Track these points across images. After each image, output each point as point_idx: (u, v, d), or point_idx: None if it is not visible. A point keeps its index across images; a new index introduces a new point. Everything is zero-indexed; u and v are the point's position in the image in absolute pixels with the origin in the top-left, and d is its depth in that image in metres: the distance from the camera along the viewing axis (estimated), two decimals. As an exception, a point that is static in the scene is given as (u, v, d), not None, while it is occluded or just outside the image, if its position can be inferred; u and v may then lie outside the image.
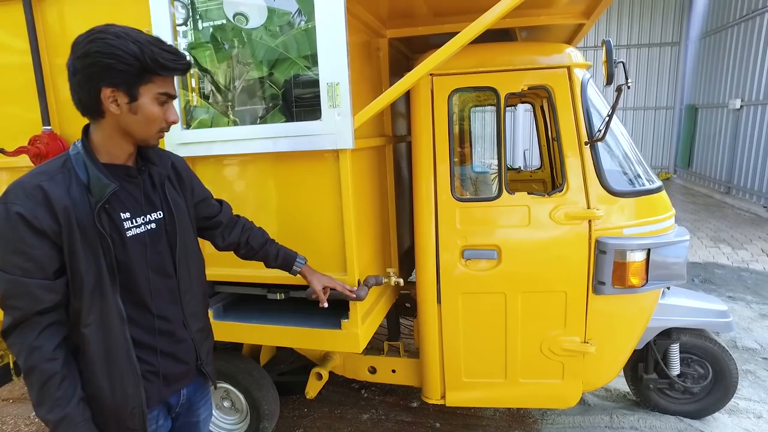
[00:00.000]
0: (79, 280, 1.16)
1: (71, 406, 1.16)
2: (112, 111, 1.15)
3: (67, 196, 1.14)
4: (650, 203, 2.35)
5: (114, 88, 1.13)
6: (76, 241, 1.14)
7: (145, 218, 1.29)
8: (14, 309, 1.13)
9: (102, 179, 1.18)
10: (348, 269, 1.99)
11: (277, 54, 2.14)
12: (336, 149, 1.90)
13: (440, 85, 2.28)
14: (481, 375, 2.50)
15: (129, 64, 1.12)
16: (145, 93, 1.17)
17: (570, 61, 2.24)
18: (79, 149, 1.20)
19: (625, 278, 2.23)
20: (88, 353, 1.20)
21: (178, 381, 1.39)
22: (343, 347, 2.10)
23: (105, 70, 1.11)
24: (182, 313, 1.38)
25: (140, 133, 1.22)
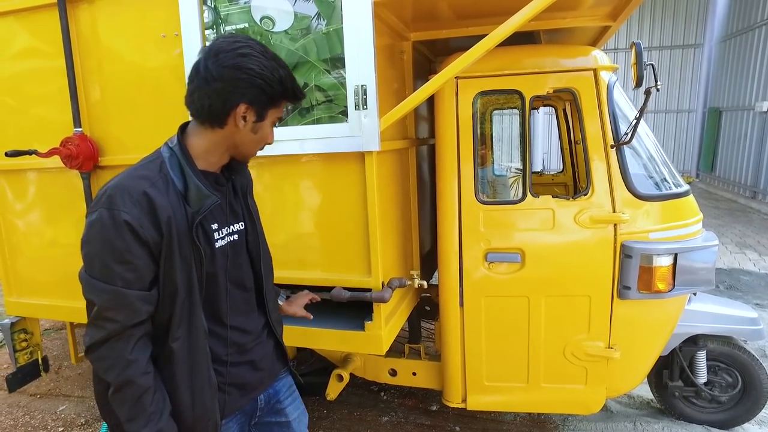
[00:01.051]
0: (172, 292, 1.13)
1: (164, 420, 1.13)
2: (237, 126, 1.16)
3: (169, 204, 1.10)
4: (677, 207, 2.32)
5: (249, 106, 1.14)
6: (174, 251, 1.11)
7: (229, 229, 1.27)
8: (111, 322, 1.07)
9: (202, 190, 1.15)
10: (372, 271, 2.00)
11: (297, 57, 2.17)
12: (362, 151, 1.91)
13: (465, 87, 2.29)
14: (502, 379, 2.49)
15: (275, 88, 1.14)
16: (271, 115, 1.20)
17: (596, 64, 2.23)
18: (176, 153, 1.17)
19: (652, 283, 2.20)
20: (173, 367, 1.16)
21: (253, 389, 1.38)
22: (366, 349, 2.10)
23: (252, 88, 1.12)
24: (269, 322, 1.41)
25: (248, 150, 1.24)
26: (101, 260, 1.07)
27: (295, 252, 2.14)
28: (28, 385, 3.03)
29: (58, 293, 2.69)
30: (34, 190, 2.65)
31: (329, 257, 2.09)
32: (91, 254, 1.09)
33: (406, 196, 2.54)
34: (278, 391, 1.49)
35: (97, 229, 1.08)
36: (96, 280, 1.07)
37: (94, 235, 1.08)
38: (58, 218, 2.63)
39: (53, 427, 3.09)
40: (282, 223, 2.15)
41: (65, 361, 3.94)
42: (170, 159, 1.17)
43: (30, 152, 2.33)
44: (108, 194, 1.09)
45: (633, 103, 2.34)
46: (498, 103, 3.62)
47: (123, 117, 2.40)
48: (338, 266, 2.07)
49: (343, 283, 2.05)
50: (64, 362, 3.94)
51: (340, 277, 2.07)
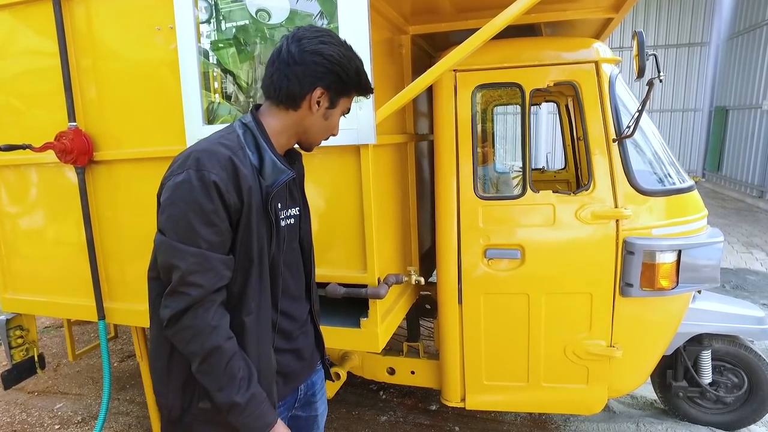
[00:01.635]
0: (247, 262, 1.13)
1: (254, 385, 1.11)
2: (311, 109, 1.17)
3: (250, 175, 1.11)
4: (681, 203, 2.26)
5: (325, 91, 1.16)
6: (252, 221, 1.11)
7: (288, 212, 1.27)
8: (195, 287, 1.04)
9: (278, 165, 1.17)
10: (368, 267, 1.96)
11: None
12: (358, 144, 1.87)
13: (464, 80, 2.24)
14: (502, 378, 2.44)
15: (351, 77, 1.17)
16: (342, 104, 1.22)
17: (598, 56, 2.18)
18: (252, 129, 1.18)
19: (654, 280, 2.15)
20: (245, 341, 1.14)
21: (296, 378, 1.36)
22: (362, 346, 2.07)
23: (330, 74, 1.14)
24: (311, 311, 1.40)
25: (315, 136, 1.25)
26: (187, 222, 1.05)
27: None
28: (25, 382, 3.01)
29: (54, 290, 2.67)
30: (30, 185, 2.63)
31: (325, 252, 2.05)
32: (176, 216, 1.06)
33: (404, 191, 2.50)
34: (314, 383, 1.47)
35: (184, 189, 1.05)
36: (180, 243, 1.05)
37: (181, 196, 1.05)
38: (54, 214, 2.61)
39: (50, 424, 3.07)
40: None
41: (64, 359, 3.93)
42: (245, 134, 1.17)
43: (24, 146, 2.31)
44: (195, 156, 1.08)
45: (638, 98, 2.29)
46: (500, 98, 3.59)
47: (119, 111, 2.37)
48: (334, 262, 2.03)
49: (338, 279, 2.01)
50: (63, 360, 3.93)
51: (335, 273, 2.03)
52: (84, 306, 2.56)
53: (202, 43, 2.20)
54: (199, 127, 2.09)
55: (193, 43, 2.13)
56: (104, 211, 2.49)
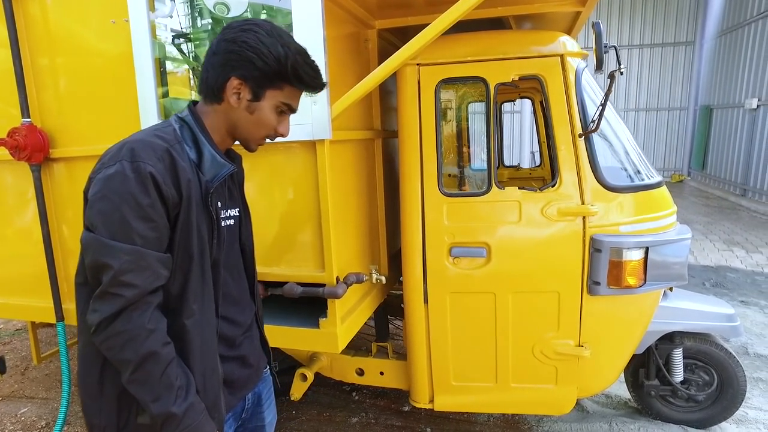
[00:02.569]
0: (187, 261, 1.05)
1: (191, 394, 1.03)
2: (230, 101, 1.11)
3: (188, 168, 1.05)
4: (649, 199, 2.23)
5: (242, 81, 1.09)
6: (192, 217, 1.04)
7: (228, 213, 1.21)
8: (129, 287, 0.96)
9: (217, 159, 1.11)
10: (326, 266, 1.90)
11: None
12: (313, 140, 1.82)
13: (427, 75, 2.19)
14: (470, 379, 2.40)
15: (268, 64, 1.07)
16: (270, 98, 1.12)
17: (563, 50, 2.14)
18: (189, 124, 1.12)
19: (622, 278, 2.11)
20: (186, 347, 1.06)
21: (243, 387, 1.29)
22: (321, 347, 2.02)
23: (243, 61, 1.07)
24: (256, 316, 1.34)
25: (245, 132, 1.16)
26: (120, 217, 0.96)
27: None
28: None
29: (11, 291, 2.59)
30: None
31: (283, 251, 1.99)
32: (107, 211, 0.97)
33: (370, 189, 2.45)
34: (261, 392, 1.40)
35: (117, 182, 0.97)
36: (112, 239, 0.96)
37: (113, 189, 0.97)
38: (12, 213, 2.53)
39: (12, 430, 2.98)
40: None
41: (32, 362, 3.83)
42: (181, 129, 1.11)
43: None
44: (129, 147, 1.00)
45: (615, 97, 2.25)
46: (474, 95, 3.54)
47: (77, 107, 2.29)
48: (292, 261, 1.98)
49: (296, 278, 1.95)
50: (31, 363, 3.83)
51: (293, 272, 1.97)
52: (43, 308, 2.48)
53: (163, 38, 2.16)
54: (155, 121, 2.02)
55: (147, 36, 2.06)
56: (63, 210, 2.42)
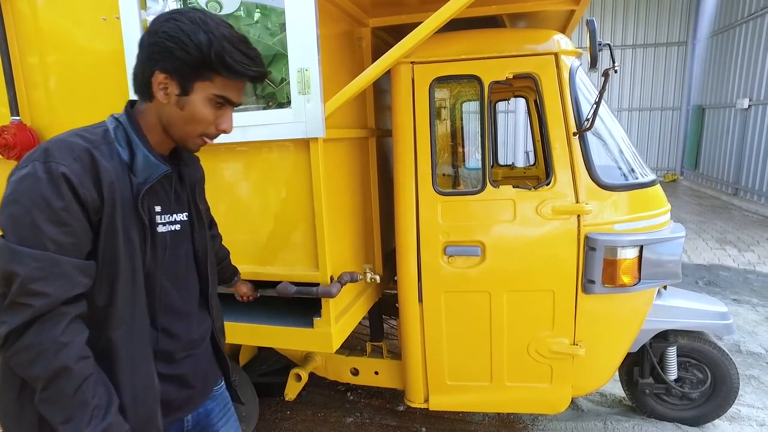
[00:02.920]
0: (112, 270, 0.98)
1: (112, 414, 0.95)
2: (158, 98, 1.04)
3: (112, 170, 0.98)
4: (643, 197, 2.23)
5: (167, 75, 1.01)
6: (117, 222, 0.97)
7: (172, 217, 1.13)
8: (39, 297, 0.88)
9: (151, 160, 1.04)
10: (320, 265, 1.89)
11: (274, 51, 2.08)
12: (307, 138, 1.80)
13: (421, 73, 2.19)
14: (465, 378, 2.39)
15: (189, 53, 0.98)
16: (200, 90, 1.03)
17: (558, 48, 2.13)
18: (123, 124, 1.06)
19: (616, 276, 2.12)
20: (113, 362, 0.99)
21: (178, 409, 1.18)
22: (315, 347, 2.00)
23: (164, 52, 0.99)
24: (212, 330, 1.27)
25: (179, 130, 1.07)
26: (30, 220, 0.89)
27: (241, 245, 2.02)
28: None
29: None
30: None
31: (275, 250, 1.98)
32: (17, 215, 0.90)
33: (365, 187, 2.44)
34: (210, 411, 1.30)
35: (28, 184, 0.91)
36: (20, 245, 0.88)
37: (24, 191, 0.90)
38: None
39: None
40: (227, 215, 2.03)
41: None
42: (116, 130, 1.05)
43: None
44: (43, 147, 0.94)
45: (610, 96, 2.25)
46: (469, 94, 3.54)
47: (67, 105, 2.27)
48: (285, 260, 1.96)
49: (290, 277, 1.94)
50: None
51: (287, 272, 1.95)
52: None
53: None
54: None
55: (138, 34, 2.04)
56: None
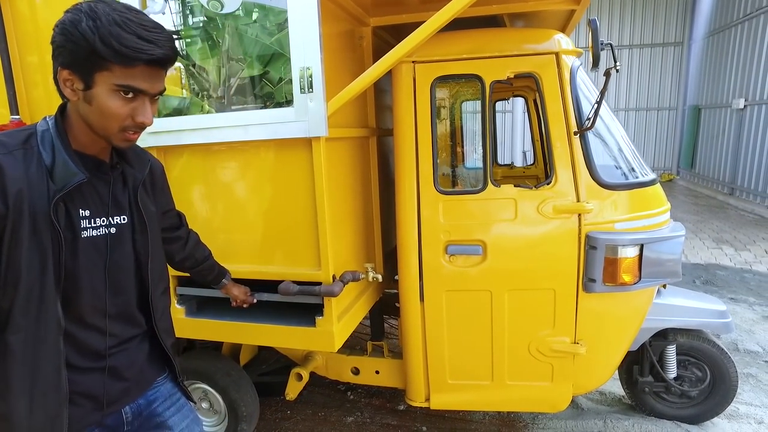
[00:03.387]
0: (15, 276, 0.99)
1: None
2: (67, 95, 1.03)
3: (24, 177, 0.97)
4: (643, 197, 2.24)
5: (70, 71, 1.00)
6: (22, 228, 0.97)
7: (107, 220, 1.13)
8: None
9: (69, 166, 1.02)
10: (322, 264, 1.89)
11: (272, 51, 2.09)
12: (309, 137, 1.80)
13: (423, 72, 2.19)
14: (466, 377, 2.40)
15: (77, 44, 0.96)
16: (101, 82, 1.00)
17: (558, 47, 2.14)
18: (50, 127, 1.05)
19: (617, 275, 2.12)
20: (7, 365, 1.00)
21: (112, 402, 1.19)
22: (318, 346, 2.00)
23: (58, 48, 1.00)
24: (155, 330, 1.26)
25: (97, 126, 1.05)
26: None
27: (242, 244, 2.03)
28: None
29: None
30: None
31: (278, 250, 1.98)
32: None
33: (365, 187, 2.44)
34: (153, 400, 1.30)
35: None
36: None
37: None
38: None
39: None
40: (228, 214, 2.04)
41: None
42: (43, 134, 1.04)
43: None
44: None
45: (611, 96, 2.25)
46: (467, 94, 3.55)
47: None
48: (287, 259, 1.96)
49: (292, 276, 1.94)
50: None
51: (289, 271, 1.95)
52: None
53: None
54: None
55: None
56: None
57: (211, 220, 2.05)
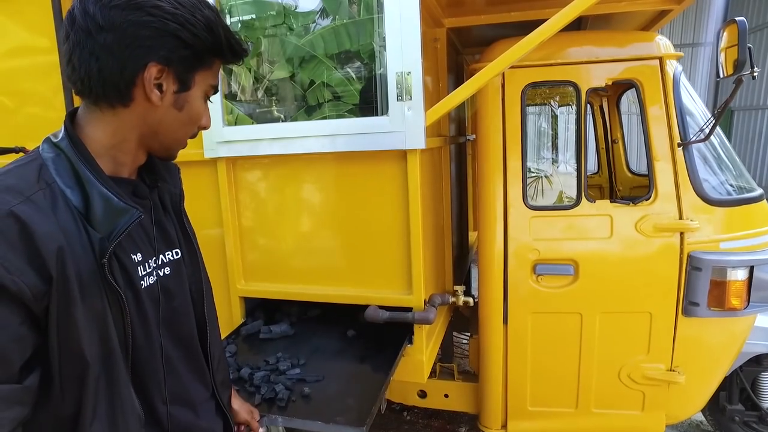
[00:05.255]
0: (80, 368, 0.72)
1: None
2: (151, 99, 0.77)
3: (58, 230, 0.69)
4: (750, 213, 2.06)
5: (166, 67, 0.76)
6: (74, 302, 0.70)
7: (158, 260, 0.88)
8: None
9: (113, 202, 0.74)
10: (414, 288, 1.74)
11: (303, 53, 2.00)
12: (404, 149, 1.65)
13: (512, 78, 2.03)
14: (549, 403, 2.23)
15: (199, 37, 0.76)
16: (200, 82, 0.82)
17: (661, 52, 1.97)
18: (64, 152, 0.75)
19: (724, 299, 1.95)
20: None
21: None
22: (406, 376, 1.84)
23: (164, 38, 0.74)
24: (213, 385, 1.01)
25: (170, 137, 0.84)
26: None
27: (322, 265, 1.88)
28: None
29: None
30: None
31: (362, 271, 1.83)
32: None
33: (440, 200, 2.29)
34: None
35: None
36: None
37: None
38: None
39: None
40: (305, 232, 1.89)
41: None
42: (56, 161, 0.75)
43: (17, 150, 2.07)
44: None
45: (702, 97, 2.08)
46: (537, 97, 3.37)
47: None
48: (372, 282, 1.82)
49: (378, 301, 1.79)
50: None
51: (374, 294, 1.81)
52: None
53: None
54: (219, 128, 1.86)
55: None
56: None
57: (286, 238, 1.91)
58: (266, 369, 1.67)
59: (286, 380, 1.60)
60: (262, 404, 1.51)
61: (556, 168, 3.70)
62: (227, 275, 1.99)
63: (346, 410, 1.44)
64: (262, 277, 1.99)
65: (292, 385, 1.58)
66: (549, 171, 3.65)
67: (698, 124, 2.01)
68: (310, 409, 1.47)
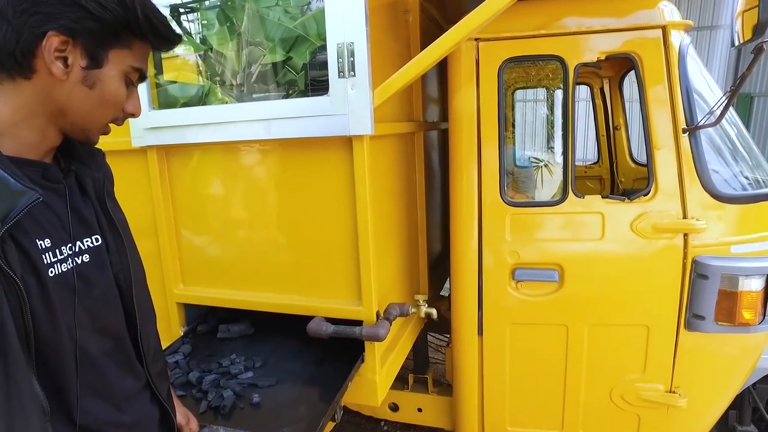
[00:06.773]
0: None
1: None
2: (53, 72, 0.72)
3: None
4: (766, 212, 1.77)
5: (70, 39, 0.72)
6: None
7: (75, 247, 0.81)
8: None
9: (9, 182, 0.69)
10: (363, 298, 1.48)
11: (295, 35, 1.83)
12: (349, 135, 1.39)
13: (488, 52, 1.74)
14: (530, 424, 1.99)
15: (109, 9, 0.73)
16: (116, 61, 0.78)
17: (665, 20, 1.67)
18: None
19: (735, 313, 1.67)
20: None
21: None
22: (358, 398, 1.60)
23: (66, 5, 0.71)
24: (148, 377, 0.95)
25: (84, 118, 0.79)
26: None
27: (262, 270, 1.64)
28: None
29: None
30: None
31: (308, 278, 1.58)
32: None
33: (411, 194, 2.02)
34: None
35: None
36: None
37: None
38: None
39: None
40: (243, 233, 1.64)
41: None
42: None
43: None
44: None
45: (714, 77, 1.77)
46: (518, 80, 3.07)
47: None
48: (319, 290, 1.57)
49: (324, 312, 1.55)
50: None
51: (321, 305, 1.56)
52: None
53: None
54: (146, 112, 1.61)
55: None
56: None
57: (226, 239, 1.67)
58: (217, 372, 1.56)
59: (237, 385, 1.48)
60: (208, 412, 1.38)
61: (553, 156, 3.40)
62: (163, 278, 1.76)
63: (295, 420, 1.32)
64: (202, 282, 1.76)
65: (242, 390, 1.46)
66: (550, 160, 3.34)
67: (708, 106, 1.71)
68: (256, 419, 1.35)
